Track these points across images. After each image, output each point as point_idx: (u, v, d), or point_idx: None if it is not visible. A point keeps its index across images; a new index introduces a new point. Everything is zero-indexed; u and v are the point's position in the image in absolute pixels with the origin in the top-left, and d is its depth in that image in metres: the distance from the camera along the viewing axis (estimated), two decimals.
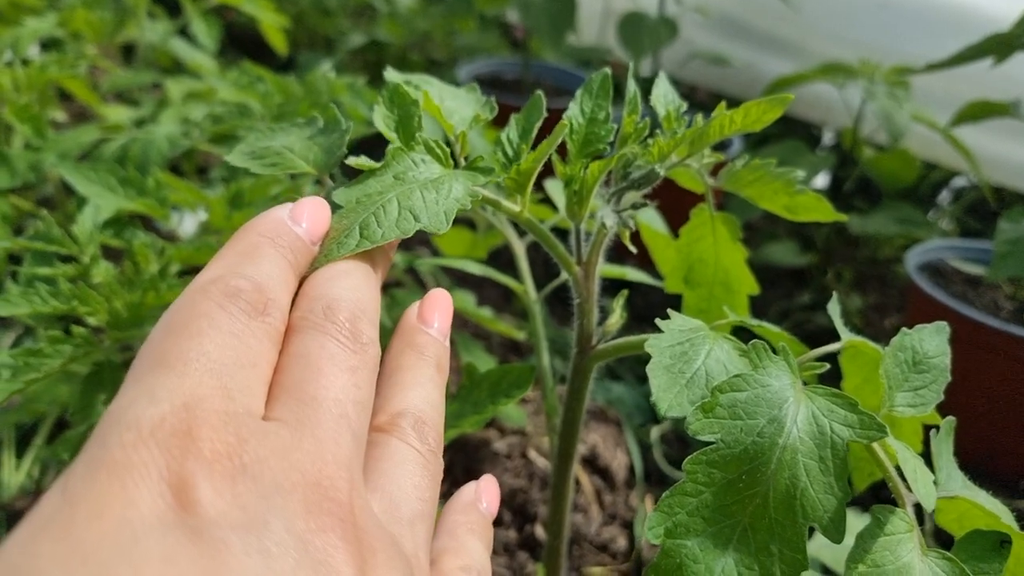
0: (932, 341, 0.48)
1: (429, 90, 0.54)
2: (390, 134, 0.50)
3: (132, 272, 0.63)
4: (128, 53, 1.81)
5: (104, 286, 0.60)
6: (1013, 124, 1.24)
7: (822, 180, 1.86)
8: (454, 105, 0.55)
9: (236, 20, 2.68)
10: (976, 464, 1.11)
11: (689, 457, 0.41)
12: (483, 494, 0.42)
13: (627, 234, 0.54)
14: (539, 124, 0.54)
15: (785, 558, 0.40)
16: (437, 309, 0.41)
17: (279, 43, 1.50)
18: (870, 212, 1.46)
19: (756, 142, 1.77)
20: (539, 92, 0.55)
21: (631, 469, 0.93)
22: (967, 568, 0.44)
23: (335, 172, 0.49)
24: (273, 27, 1.44)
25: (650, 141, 0.55)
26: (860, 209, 1.55)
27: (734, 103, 0.54)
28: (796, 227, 1.70)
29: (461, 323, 1.18)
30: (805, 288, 1.47)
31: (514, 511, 0.85)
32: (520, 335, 0.96)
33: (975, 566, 0.46)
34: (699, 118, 0.56)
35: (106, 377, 0.56)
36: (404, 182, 0.44)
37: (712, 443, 0.41)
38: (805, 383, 0.44)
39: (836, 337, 0.51)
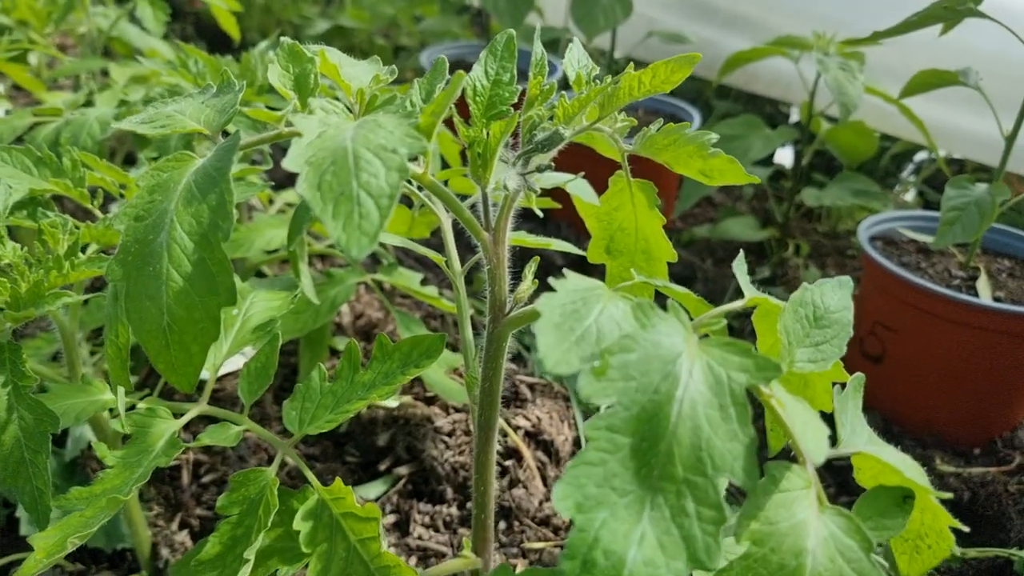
0: (834, 296, 0.47)
1: (328, 54, 0.53)
2: (286, 92, 0.49)
3: (41, 252, 0.61)
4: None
5: (11, 267, 0.59)
6: (969, 96, 1.24)
7: (787, 156, 1.86)
8: (353, 72, 0.54)
9: (202, 10, 2.66)
10: (931, 432, 1.12)
11: (588, 422, 0.40)
12: None
13: (533, 198, 0.54)
14: (442, 86, 0.53)
15: (703, 515, 0.39)
16: None
17: (231, 27, 1.48)
18: (827, 185, 1.46)
19: (718, 119, 1.77)
20: (443, 57, 0.55)
21: (577, 443, 0.93)
22: (868, 524, 0.43)
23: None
24: (223, 11, 1.42)
25: (557, 103, 0.54)
26: (818, 183, 1.55)
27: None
28: (756, 202, 1.70)
29: (414, 304, 1.17)
30: (765, 262, 1.47)
31: (456, 488, 0.85)
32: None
33: (877, 522, 0.45)
34: (607, 79, 0.55)
35: (4, 358, 0.54)
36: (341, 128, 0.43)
37: (610, 407, 0.40)
38: (703, 338, 0.43)
39: None
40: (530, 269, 0.57)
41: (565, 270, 0.47)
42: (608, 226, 0.64)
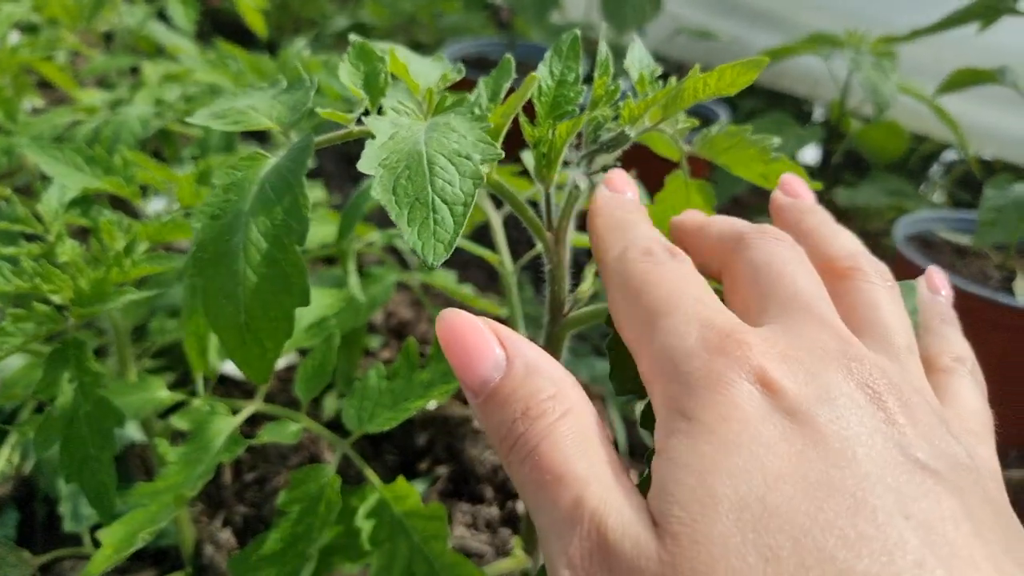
0: (907, 301, 0.47)
1: (397, 52, 0.53)
2: (357, 91, 0.49)
3: (98, 250, 0.61)
4: (110, 40, 1.79)
5: (70, 264, 0.59)
6: (1001, 95, 1.23)
7: (813, 155, 1.85)
8: (420, 69, 0.53)
9: (221, 7, 2.66)
10: None
11: None
12: (938, 285, 0.48)
13: None
14: (508, 86, 0.53)
15: None
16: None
17: (258, 24, 1.48)
18: (859, 185, 1.45)
19: (744, 117, 1.76)
20: (508, 56, 0.54)
21: (615, 444, 0.93)
22: None
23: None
24: (251, 8, 1.42)
25: (621, 104, 0.54)
26: (849, 182, 1.54)
27: None
28: None
29: (444, 302, 1.17)
30: None
31: (496, 488, 0.85)
32: (503, 312, 0.95)
33: None
34: (672, 80, 0.55)
35: (70, 354, 0.55)
36: (413, 131, 0.43)
37: None
38: None
39: None
40: (590, 269, 0.57)
41: None
42: (661, 224, 0.64)
